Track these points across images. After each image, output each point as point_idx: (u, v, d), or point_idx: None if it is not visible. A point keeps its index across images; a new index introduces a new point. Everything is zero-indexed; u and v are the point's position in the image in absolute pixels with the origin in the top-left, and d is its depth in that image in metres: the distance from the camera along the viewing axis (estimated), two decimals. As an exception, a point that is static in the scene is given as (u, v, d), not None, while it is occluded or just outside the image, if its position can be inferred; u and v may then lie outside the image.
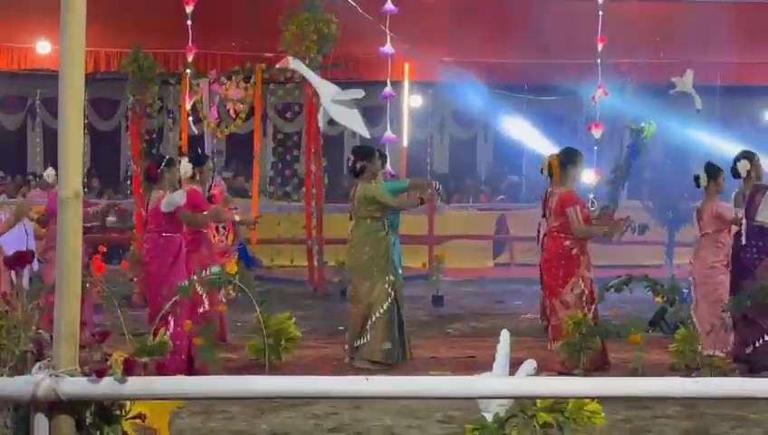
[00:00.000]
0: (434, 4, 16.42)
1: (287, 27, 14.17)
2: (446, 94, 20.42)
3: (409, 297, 14.06)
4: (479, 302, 14.80)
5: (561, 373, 9.20)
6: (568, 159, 10.17)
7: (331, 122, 13.25)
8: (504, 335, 6.65)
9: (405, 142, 20.10)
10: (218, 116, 14.77)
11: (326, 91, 8.97)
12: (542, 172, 10.89)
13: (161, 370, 4.21)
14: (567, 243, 9.98)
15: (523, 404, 6.04)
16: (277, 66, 10.64)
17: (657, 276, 11.43)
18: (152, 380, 4.15)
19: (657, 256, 17.39)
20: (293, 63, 9.65)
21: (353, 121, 8.99)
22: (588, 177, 11.81)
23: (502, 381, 5.55)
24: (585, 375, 8.83)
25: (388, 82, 8.74)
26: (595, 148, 11.34)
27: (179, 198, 9.52)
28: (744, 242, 10.04)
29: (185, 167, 10.27)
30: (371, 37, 13.70)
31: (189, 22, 10.93)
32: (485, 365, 6.41)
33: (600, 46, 10.36)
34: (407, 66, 18.77)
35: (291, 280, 15.58)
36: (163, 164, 9.74)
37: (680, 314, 10.23)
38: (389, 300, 9.96)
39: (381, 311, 9.90)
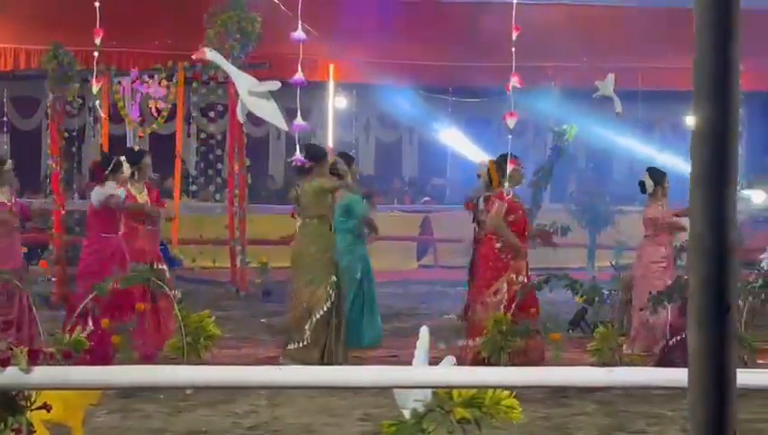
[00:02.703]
0: (360, 6, 16.43)
1: (211, 26, 14.07)
2: (372, 96, 20.42)
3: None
4: (403, 303, 14.79)
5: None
6: (506, 164, 10.32)
7: (256, 122, 13.21)
8: (424, 332, 6.66)
9: (330, 144, 20.06)
10: (140, 115, 14.62)
11: (243, 83, 8.91)
12: (479, 177, 11.02)
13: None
14: (498, 246, 10.08)
15: (441, 399, 6.04)
16: (193, 57, 10.53)
17: (579, 278, 11.59)
18: (61, 369, 4.10)
19: (579, 258, 17.51)
20: (210, 54, 9.56)
21: (271, 114, 8.92)
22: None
23: (414, 371, 5.56)
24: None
25: (299, 68, 8.67)
26: (509, 137, 11.50)
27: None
28: None
29: (124, 166, 10.25)
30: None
31: (97, 3, 10.74)
32: (408, 365, 6.42)
33: (514, 35, 10.42)
34: (331, 67, 18.74)
35: (213, 281, 15.46)
36: (110, 167, 9.80)
37: (600, 314, 10.33)
38: (329, 302, 9.88)
39: (320, 313, 9.84)
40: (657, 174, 11.08)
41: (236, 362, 9.74)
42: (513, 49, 10.85)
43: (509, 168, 10.27)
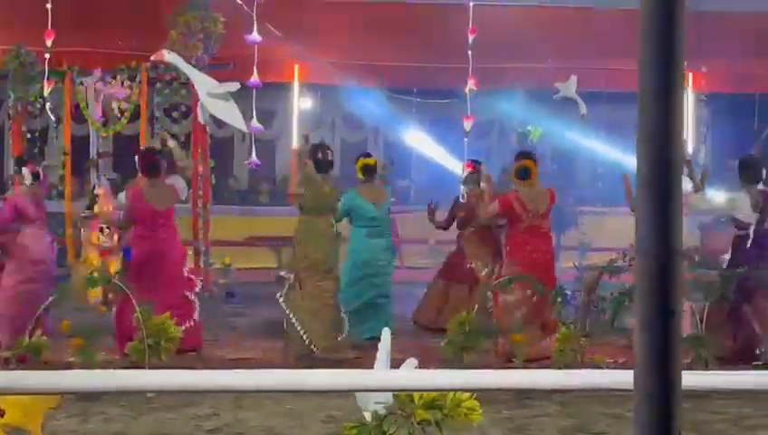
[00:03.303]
0: (324, 6, 16.37)
1: (174, 26, 14.00)
2: (337, 97, 20.38)
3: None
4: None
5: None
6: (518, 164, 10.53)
7: (220, 123, 13.15)
8: (386, 334, 6.67)
9: (295, 145, 20.03)
10: (103, 115, 14.52)
11: (202, 84, 8.88)
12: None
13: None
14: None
15: (402, 402, 6.05)
16: (152, 58, 10.49)
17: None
18: (20, 374, 4.06)
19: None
20: (169, 56, 9.52)
21: (231, 116, 8.90)
22: (458, 168, 12.11)
23: (375, 374, 5.55)
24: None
25: (255, 70, 8.67)
26: (465, 139, 11.59)
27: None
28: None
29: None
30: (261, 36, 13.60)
31: (49, 5, 10.68)
32: (371, 367, 6.42)
33: (470, 38, 10.47)
34: (296, 68, 18.71)
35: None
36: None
37: (563, 315, 10.35)
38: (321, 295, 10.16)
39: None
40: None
41: (199, 364, 9.69)
42: (470, 51, 10.92)
43: (465, 171, 10.39)
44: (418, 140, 21.47)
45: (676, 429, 1.60)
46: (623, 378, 3.73)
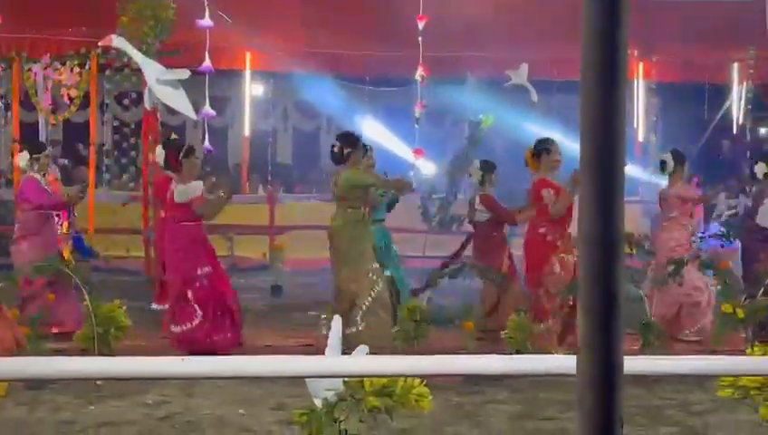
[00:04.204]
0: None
1: (124, 12, 13.86)
2: (289, 85, 20.31)
3: (249, 287, 14.01)
4: (319, 292, 14.73)
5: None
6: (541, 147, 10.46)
7: (172, 110, 13.06)
8: (337, 321, 6.66)
9: (247, 132, 19.97)
10: (52, 102, 14.38)
11: (151, 71, 8.81)
12: (470, 176, 11.06)
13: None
14: (542, 230, 10.18)
15: (352, 389, 6.05)
16: (100, 44, 10.40)
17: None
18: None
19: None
20: (117, 41, 9.43)
21: (179, 102, 8.84)
22: (408, 155, 12.01)
23: (326, 360, 5.54)
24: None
25: (207, 56, 8.63)
26: (416, 126, 11.56)
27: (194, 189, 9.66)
28: None
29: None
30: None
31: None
32: (322, 354, 6.40)
33: (420, 25, 10.48)
34: (248, 55, 18.64)
35: (127, 270, 15.27)
36: (182, 153, 9.66)
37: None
38: (378, 287, 9.84)
39: (371, 298, 9.78)
40: (679, 155, 11.28)
41: (150, 353, 9.62)
42: (420, 38, 10.93)
43: (415, 158, 10.39)
44: (372, 129, 21.44)
45: (618, 413, 1.61)
46: (570, 363, 3.75)
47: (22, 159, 10.44)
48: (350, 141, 10.16)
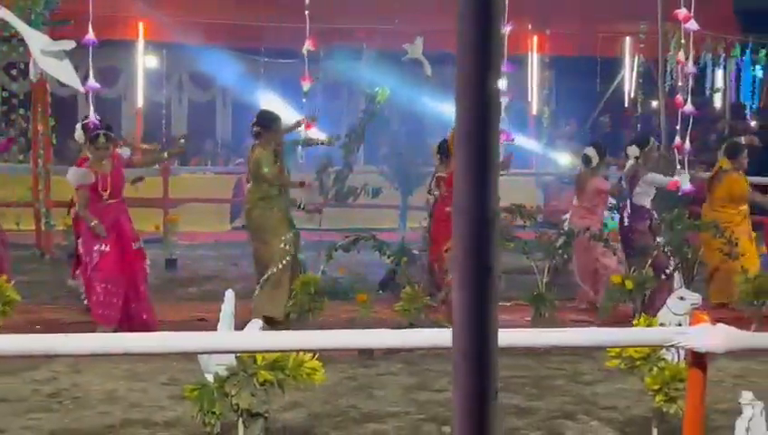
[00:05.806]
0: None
1: (12, -20, 13.55)
2: (183, 55, 20.02)
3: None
4: (214, 265, 14.64)
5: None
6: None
7: (62, 83, 12.80)
8: (229, 295, 6.62)
9: (140, 104, 19.68)
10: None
11: (36, 42, 8.59)
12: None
13: None
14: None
15: (244, 363, 6.03)
16: (-18, 13, 10.10)
17: (391, 239, 11.71)
18: None
19: (391, 219, 17.63)
20: (1, 12, 9.17)
21: (64, 73, 8.62)
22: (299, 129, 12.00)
23: (218, 336, 5.51)
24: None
25: (90, 28, 8.48)
26: (303, 100, 11.61)
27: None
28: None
29: None
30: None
31: None
32: (216, 328, 6.36)
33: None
34: (141, 25, 18.35)
35: (16, 244, 14.94)
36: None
37: (409, 274, 10.42)
38: (288, 257, 10.02)
39: (281, 266, 9.97)
40: (600, 149, 11.59)
41: (36, 327, 9.42)
42: (307, 12, 10.90)
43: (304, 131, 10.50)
44: (268, 101, 21.27)
45: (493, 385, 1.61)
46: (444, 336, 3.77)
47: None
48: (263, 121, 10.49)
